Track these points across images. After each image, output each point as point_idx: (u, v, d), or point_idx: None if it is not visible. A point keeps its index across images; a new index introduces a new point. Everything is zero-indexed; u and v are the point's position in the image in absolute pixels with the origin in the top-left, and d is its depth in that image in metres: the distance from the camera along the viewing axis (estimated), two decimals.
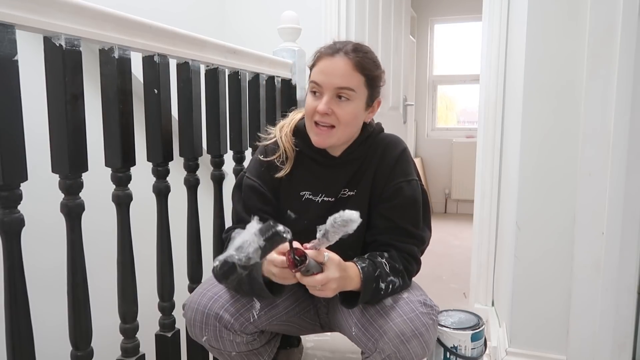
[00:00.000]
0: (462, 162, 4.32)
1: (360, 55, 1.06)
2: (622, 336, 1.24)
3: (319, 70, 1.06)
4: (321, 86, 1.05)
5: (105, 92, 0.98)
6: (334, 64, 1.04)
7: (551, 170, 1.32)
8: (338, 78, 1.03)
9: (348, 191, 1.13)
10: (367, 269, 1.01)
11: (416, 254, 1.11)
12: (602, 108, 1.20)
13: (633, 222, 1.20)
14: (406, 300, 1.04)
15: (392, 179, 1.11)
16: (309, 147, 1.13)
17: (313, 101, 1.06)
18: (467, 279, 2.11)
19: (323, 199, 1.13)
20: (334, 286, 0.93)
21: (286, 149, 1.14)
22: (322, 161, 1.14)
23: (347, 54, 1.05)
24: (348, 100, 1.05)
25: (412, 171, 1.14)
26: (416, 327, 0.99)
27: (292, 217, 1.15)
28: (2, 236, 0.79)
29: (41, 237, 1.37)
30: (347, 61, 1.04)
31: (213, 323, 1.05)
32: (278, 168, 1.14)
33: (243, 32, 2.43)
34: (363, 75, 1.06)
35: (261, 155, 1.17)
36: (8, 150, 0.76)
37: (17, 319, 0.81)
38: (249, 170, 1.18)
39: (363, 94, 1.07)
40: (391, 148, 1.14)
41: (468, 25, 4.48)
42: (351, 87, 1.04)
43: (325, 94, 1.04)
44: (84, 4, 0.87)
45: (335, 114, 1.04)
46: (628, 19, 1.14)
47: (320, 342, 1.69)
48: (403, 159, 1.13)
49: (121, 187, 1.03)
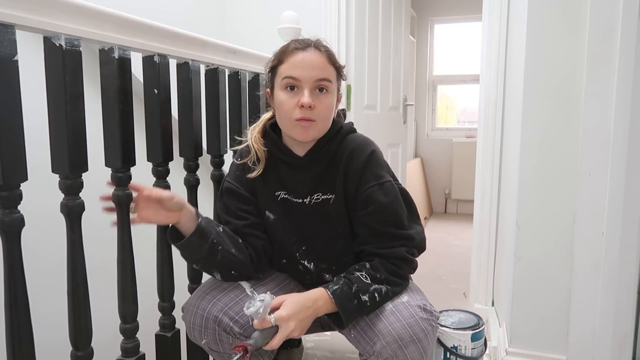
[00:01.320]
0: (462, 162, 4.33)
1: (328, 49, 1.07)
2: (622, 336, 1.24)
3: (294, 64, 1.04)
4: (299, 80, 1.03)
5: (105, 92, 0.98)
6: (310, 57, 1.03)
7: (551, 170, 1.32)
8: (316, 70, 1.03)
9: (322, 195, 1.11)
10: (339, 291, 1.00)
11: (404, 256, 1.07)
12: (602, 108, 1.20)
13: (633, 222, 1.20)
14: (406, 304, 1.03)
15: (363, 183, 1.08)
16: (277, 148, 1.13)
17: (292, 97, 1.04)
18: (467, 279, 2.11)
19: (297, 200, 1.12)
20: (297, 333, 0.95)
21: (256, 150, 1.13)
22: (288, 161, 1.12)
23: (319, 47, 1.05)
24: (327, 93, 1.05)
25: (384, 173, 1.11)
26: (415, 332, 0.97)
27: (270, 218, 1.14)
28: (2, 236, 0.79)
29: (41, 237, 1.37)
30: (321, 54, 1.05)
31: (212, 327, 1.05)
32: (251, 169, 1.13)
33: (243, 32, 2.44)
34: (334, 67, 1.07)
35: (237, 159, 1.17)
36: (8, 150, 0.76)
37: (17, 319, 0.81)
38: (228, 174, 1.19)
39: (335, 86, 1.08)
40: (358, 151, 1.10)
41: (468, 25, 4.48)
42: (329, 79, 1.04)
43: (304, 88, 1.03)
44: (84, 4, 0.87)
45: (316, 107, 1.03)
46: (628, 19, 1.14)
47: (320, 342, 1.69)
48: (372, 162, 1.10)
49: (121, 187, 1.03)
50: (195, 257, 1.07)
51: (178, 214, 1.01)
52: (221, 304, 1.06)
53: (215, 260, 1.06)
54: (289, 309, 0.95)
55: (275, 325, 0.94)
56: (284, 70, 1.05)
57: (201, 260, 1.07)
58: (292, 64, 1.04)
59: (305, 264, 1.17)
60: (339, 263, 1.14)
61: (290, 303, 0.96)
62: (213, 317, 1.05)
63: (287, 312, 0.94)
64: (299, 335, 0.98)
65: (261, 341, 0.92)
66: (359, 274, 1.03)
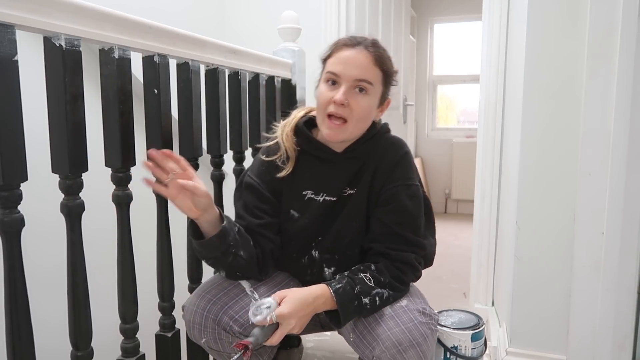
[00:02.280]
0: (462, 162, 4.32)
1: (380, 50, 1.06)
2: (622, 336, 1.24)
3: (338, 60, 1.04)
4: (339, 76, 1.03)
5: (105, 92, 0.98)
6: (355, 55, 1.03)
7: (551, 169, 1.32)
8: (358, 69, 1.03)
9: (349, 189, 1.12)
10: (342, 290, 1.00)
11: (412, 262, 1.07)
12: (602, 108, 1.20)
13: (633, 221, 1.20)
14: (405, 308, 1.02)
15: (390, 181, 1.09)
16: (310, 144, 1.12)
17: (329, 91, 1.04)
18: (467, 279, 2.11)
19: (325, 198, 1.12)
20: (297, 329, 0.96)
21: (287, 148, 1.13)
22: (325, 157, 1.12)
23: (368, 48, 1.04)
24: (365, 94, 1.04)
25: (413, 176, 1.12)
26: (414, 337, 0.97)
27: (295, 216, 1.14)
28: (2, 236, 0.79)
29: (41, 237, 1.37)
30: (368, 54, 1.04)
31: (212, 326, 1.05)
32: (279, 168, 1.13)
33: (243, 32, 2.44)
34: (381, 70, 1.06)
35: (263, 155, 1.17)
36: (8, 150, 0.76)
37: (17, 319, 0.81)
38: (251, 169, 1.18)
39: (378, 90, 1.07)
40: (393, 149, 1.12)
41: (468, 25, 4.48)
42: (370, 81, 1.03)
43: (342, 85, 1.03)
44: (84, 4, 0.87)
45: (350, 106, 1.03)
46: (628, 19, 1.14)
47: (320, 342, 1.69)
48: (404, 162, 1.12)
49: (121, 187, 1.03)
50: (209, 255, 1.07)
51: (198, 213, 0.99)
52: (221, 303, 1.06)
53: (226, 261, 1.06)
54: (290, 306, 0.95)
55: (276, 322, 0.93)
56: (329, 65, 1.06)
57: (213, 259, 1.07)
58: (337, 59, 1.05)
59: (312, 253, 1.16)
60: (343, 256, 1.14)
61: (291, 299, 0.96)
62: (212, 316, 1.05)
63: (288, 310, 0.94)
64: (299, 331, 0.98)
65: (262, 338, 0.92)
66: (362, 276, 1.03)
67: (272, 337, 0.93)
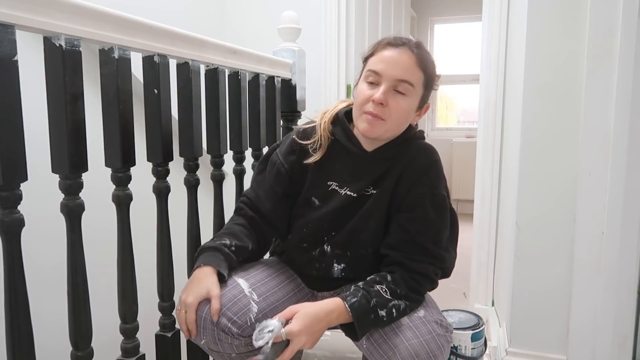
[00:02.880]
0: (462, 162, 4.32)
1: (424, 53, 1.04)
2: (622, 336, 1.24)
3: (381, 59, 1.03)
4: (381, 75, 1.02)
5: (105, 92, 0.98)
6: (399, 56, 1.01)
7: (551, 169, 1.32)
8: (400, 70, 1.01)
9: (372, 189, 1.11)
10: (357, 304, 0.98)
11: (430, 274, 1.05)
12: (602, 108, 1.20)
13: (633, 222, 1.20)
14: (423, 320, 1.00)
15: (417, 187, 1.07)
16: (345, 137, 1.11)
17: (369, 89, 1.03)
18: (467, 279, 2.11)
19: (346, 192, 1.11)
20: (308, 345, 0.95)
21: (322, 136, 1.12)
22: (355, 152, 1.11)
23: (412, 49, 1.02)
24: (404, 95, 1.02)
25: (441, 185, 1.10)
26: (431, 349, 0.95)
27: (316, 203, 1.14)
28: (2, 236, 0.79)
29: (41, 237, 1.37)
30: (412, 55, 1.02)
31: (211, 327, 1.05)
32: (309, 154, 1.13)
33: (243, 31, 2.43)
34: (424, 73, 1.04)
35: (297, 135, 1.16)
36: (8, 150, 0.76)
37: (17, 319, 0.81)
38: (280, 146, 1.18)
39: (419, 93, 1.05)
40: (424, 155, 1.10)
41: (468, 25, 4.48)
42: (411, 82, 1.02)
43: (383, 84, 1.01)
44: (84, 4, 0.87)
45: (389, 106, 1.02)
46: (628, 19, 1.14)
47: (320, 342, 1.68)
48: (433, 169, 1.09)
49: (121, 187, 1.03)
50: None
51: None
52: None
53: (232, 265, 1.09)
54: (301, 323, 0.93)
55: (287, 339, 0.92)
56: (370, 63, 1.05)
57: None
58: (379, 58, 1.03)
59: (324, 247, 1.16)
60: (355, 253, 1.13)
61: (303, 316, 0.94)
62: (211, 317, 1.04)
63: (298, 327, 0.92)
64: (311, 347, 0.96)
65: (272, 356, 0.91)
66: (379, 288, 1.01)
67: (283, 354, 0.92)
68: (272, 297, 1.13)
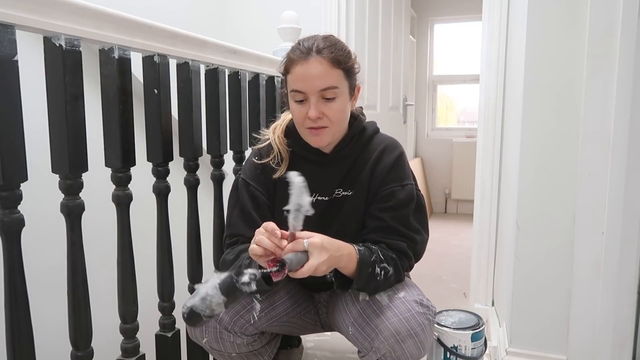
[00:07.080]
0: (462, 162, 4.32)
1: (332, 49, 1.03)
2: (622, 336, 1.24)
3: (297, 77, 1.03)
4: (304, 92, 1.03)
5: (105, 92, 0.98)
6: (311, 68, 1.01)
7: (551, 170, 1.32)
8: (319, 80, 1.01)
9: (342, 191, 1.13)
10: (364, 252, 1.01)
11: (405, 250, 1.09)
12: (602, 108, 1.20)
13: (633, 222, 1.20)
14: (402, 300, 1.04)
15: (386, 182, 1.11)
16: (301, 147, 1.13)
17: (301, 108, 1.05)
18: (467, 279, 2.11)
19: (318, 198, 1.13)
20: (324, 268, 0.92)
21: (280, 150, 1.14)
22: (315, 159, 1.13)
23: (320, 53, 1.02)
24: (334, 99, 1.04)
25: (408, 175, 1.14)
26: (412, 326, 0.99)
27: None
28: (2, 236, 0.79)
29: (41, 237, 1.37)
30: (322, 60, 1.01)
31: (213, 325, 1.05)
32: (273, 170, 1.13)
33: (243, 31, 2.43)
34: (341, 69, 1.04)
35: (255, 157, 1.17)
36: (8, 150, 0.76)
37: (17, 319, 0.81)
38: (244, 172, 1.18)
39: (345, 87, 1.06)
40: (388, 152, 1.14)
41: (468, 25, 4.48)
42: (334, 85, 1.03)
43: (310, 98, 1.03)
44: (84, 4, 0.87)
45: (326, 115, 1.04)
46: (628, 19, 1.14)
47: (320, 342, 1.69)
48: (399, 164, 1.13)
49: (121, 187, 1.03)
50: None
51: None
52: None
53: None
54: (323, 239, 0.93)
55: (306, 251, 0.90)
56: (290, 82, 1.06)
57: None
58: (296, 77, 1.03)
59: None
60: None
61: (323, 237, 0.94)
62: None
63: (321, 240, 0.92)
64: (326, 271, 0.94)
65: (295, 264, 0.88)
66: (377, 248, 1.05)
67: (302, 267, 0.90)
68: (274, 296, 1.13)
